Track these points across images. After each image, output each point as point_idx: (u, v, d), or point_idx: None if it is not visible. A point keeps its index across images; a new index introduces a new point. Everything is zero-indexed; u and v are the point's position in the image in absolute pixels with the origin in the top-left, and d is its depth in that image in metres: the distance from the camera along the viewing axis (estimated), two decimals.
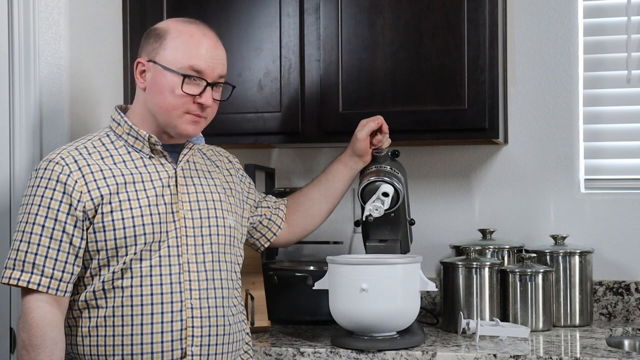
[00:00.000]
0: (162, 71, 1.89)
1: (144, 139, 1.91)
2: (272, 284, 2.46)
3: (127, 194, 1.85)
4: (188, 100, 1.89)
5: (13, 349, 2.23)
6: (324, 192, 2.23)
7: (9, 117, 2.24)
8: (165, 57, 1.89)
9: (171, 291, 1.84)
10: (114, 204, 1.83)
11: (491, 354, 2.05)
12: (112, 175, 1.86)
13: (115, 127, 1.95)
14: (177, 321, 1.83)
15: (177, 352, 1.83)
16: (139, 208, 1.84)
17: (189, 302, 1.85)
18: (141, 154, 1.92)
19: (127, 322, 1.81)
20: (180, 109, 1.89)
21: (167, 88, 1.88)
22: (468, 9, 2.37)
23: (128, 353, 1.81)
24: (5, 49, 2.23)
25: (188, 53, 1.88)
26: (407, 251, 2.34)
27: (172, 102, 1.88)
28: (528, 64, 2.69)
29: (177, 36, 1.90)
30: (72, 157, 1.85)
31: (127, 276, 1.82)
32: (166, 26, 1.94)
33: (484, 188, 2.74)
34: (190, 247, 1.88)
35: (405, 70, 2.42)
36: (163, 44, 1.90)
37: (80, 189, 1.82)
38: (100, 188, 1.83)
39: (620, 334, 2.45)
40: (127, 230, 1.82)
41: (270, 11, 2.51)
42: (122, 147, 1.92)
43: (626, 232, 2.62)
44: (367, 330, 2.12)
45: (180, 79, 1.87)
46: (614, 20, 2.66)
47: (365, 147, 2.21)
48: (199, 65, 1.88)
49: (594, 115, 2.68)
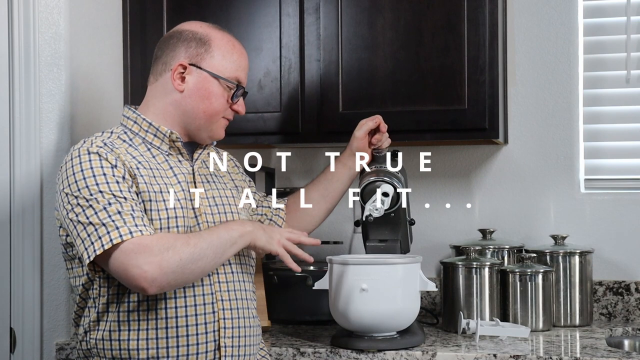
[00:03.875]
0: (209, 78, 1.93)
1: (165, 135, 1.93)
2: (272, 284, 2.47)
3: (160, 187, 1.85)
4: (227, 106, 1.97)
5: (13, 349, 2.23)
6: (323, 193, 2.24)
7: (9, 117, 2.24)
8: (213, 64, 1.94)
9: (202, 283, 1.85)
10: (151, 194, 1.83)
11: (491, 354, 2.05)
12: (143, 167, 1.86)
13: (131, 125, 1.95)
14: (209, 313, 1.85)
15: (210, 344, 1.84)
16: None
17: (219, 294, 1.87)
18: (160, 150, 1.93)
19: (161, 315, 1.81)
20: (221, 114, 1.97)
21: (216, 95, 1.94)
22: (468, 9, 2.37)
23: (163, 346, 1.81)
24: (5, 49, 2.23)
25: (235, 64, 1.96)
26: (407, 251, 2.34)
27: (217, 109, 1.95)
28: (528, 64, 2.69)
29: (221, 45, 1.96)
30: (108, 147, 1.84)
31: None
32: (205, 32, 1.96)
33: (484, 188, 2.74)
34: None
35: (405, 70, 2.42)
36: (210, 50, 1.94)
37: (126, 174, 1.81)
38: (138, 176, 1.83)
39: (620, 334, 2.45)
40: (162, 221, 1.83)
41: (270, 11, 2.51)
42: (140, 144, 1.92)
43: (626, 232, 2.62)
44: (367, 330, 2.12)
45: (230, 89, 1.95)
46: (613, 20, 2.66)
47: (363, 146, 2.22)
48: (242, 77, 1.98)
49: (594, 115, 2.68)
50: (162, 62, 1.96)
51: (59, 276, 2.31)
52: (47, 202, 2.30)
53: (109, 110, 2.55)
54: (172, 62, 1.94)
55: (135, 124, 1.95)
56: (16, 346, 2.23)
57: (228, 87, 1.96)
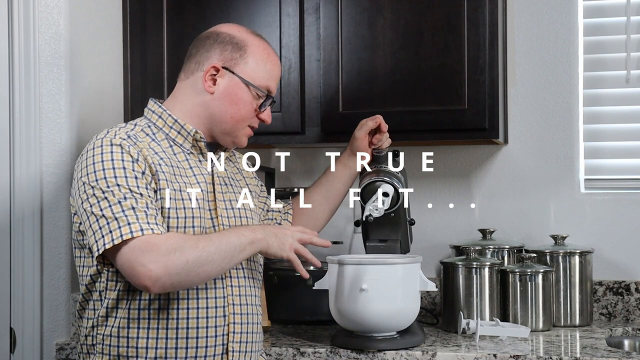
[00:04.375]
0: (240, 84, 1.93)
1: (189, 134, 1.92)
2: (272, 284, 2.47)
3: (180, 185, 1.84)
4: (255, 114, 1.97)
5: (13, 349, 2.23)
6: (325, 194, 2.24)
7: (9, 117, 2.24)
8: (246, 71, 1.93)
9: (215, 286, 1.85)
10: (170, 192, 1.82)
11: (491, 354, 2.05)
12: (165, 164, 1.85)
13: (156, 120, 1.93)
14: (220, 317, 1.85)
15: (219, 347, 1.84)
16: (190, 200, 1.84)
17: (230, 299, 1.87)
18: (182, 148, 1.92)
19: (172, 315, 1.80)
20: (247, 122, 1.96)
21: (245, 102, 1.94)
22: (468, 9, 2.37)
23: (172, 347, 1.80)
24: (5, 49, 2.23)
25: (267, 73, 1.96)
26: (407, 251, 2.34)
27: (244, 115, 1.95)
28: (528, 64, 2.69)
29: (257, 52, 1.95)
30: (131, 140, 1.83)
31: None
32: (242, 37, 1.95)
33: (484, 188, 2.74)
34: None
35: (405, 70, 2.42)
36: (244, 56, 1.93)
37: (147, 169, 1.80)
38: (159, 173, 1.82)
39: (620, 334, 2.45)
40: (180, 220, 1.82)
41: (270, 11, 2.51)
42: (163, 140, 1.91)
43: (626, 232, 2.62)
44: (367, 330, 2.12)
45: (260, 97, 1.95)
46: (613, 20, 2.66)
47: (364, 146, 2.21)
48: (272, 87, 1.98)
49: (594, 115, 2.68)
50: (195, 60, 1.95)
51: (59, 276, 2.31)
52: (47, 202, 2.30)
53: (109, 110, 2.55)
54: (205, 62, 1.93)
55: (160, 118, 1.93)
56: (16, 346, 2.23)
57: (257, 95, 1.95)
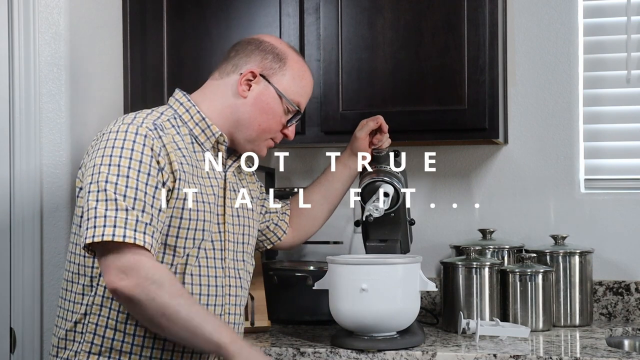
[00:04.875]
0: (274, 94, 1.93)
1: (213, 135, 1.90)
2: (272, 284, 2.46)
3: (196, 186, 1.83)
4: (280, 128, 1.97)
5: (13, 349, 2.23)
6: (324, 194, 2.24)
7: (9, 117, 2.24)
8: (282, 82, 1.94)
9: (215, 294, 1.85)
10: (187, 192, 1.80)
11: (491, 354, 2.05)
12: (186, 163, 1.82)
13: (182, 112, 1.90)
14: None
15: (212, 356, 1.84)
16: (202, 203, 1.83)
17: (227, 308, 1.88)
18: (202, 147, 1.89)
19: None
20: (272, 133, 1.96)
21: (275, 112, 1.94)
22: (468, 9, 2.37)
23: (169, 349, 1.79)
24: (5, 49, 2.23)
25: (302, 89, 1.97)
26: (407, 251, 2.34)
27: (271, 126, 1.94)
28: (528, 64, 2.69)
29: (295, 67, 1.96)
30: (157, 132, 1.79)
31: (180, 272, 1.80)
32: (283, 50, 1.96)
33: (484, 188, 2.74)
34: (230, 252, 1.91)
35: (405, 70, 2.42)
36: (283, 68, 1.94)
37: (167, 166, 1.77)
38: (180, 172, 1.79)
39: (620, 334, 2.45)
40: (191, 222, 1.80)
41: (270, 11, 2.51)
42: (186, 135, 1.88)
43: (626, 232, 2.62)
44: (367, 330, 2.12)
45: (289, 111, 1.95)
46: (613, 20, 2.66)
47: (364, 146, 2.21)
48: (303, 104, 2.00)
49: (594, 115, 2.68)
50: (233, 63, 1.94)
51: (59, 276, 2.31)
52: (47, 202, 2.29)
53: (109, 110, 2.55)
54: (244, 66, 1.92)
55: (187, 112, 1.90)
56: (16, 346, 2.23)
57: (287, 110, 1.95)
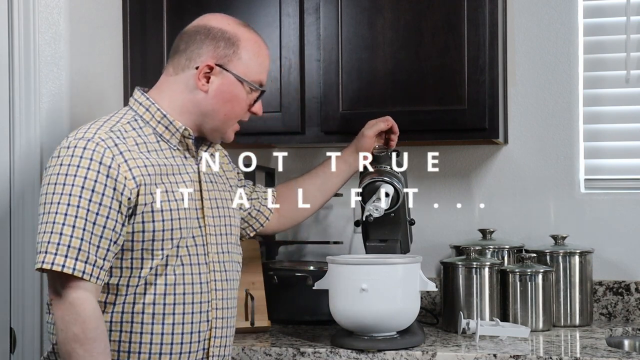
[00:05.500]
0: (234, 81, 1.88)
1: (177, 131, 1.86)
2: (272, 284, 2.46)
3: (165, 186, 1.79)
4: (247, 109, 1.93)
5: (13, 349, 2.23)
6: (319, 186, 2.23)
7: (9, 117, 2.24)
8: (239, 66, 1.88)
9: (201, 291, 1.83)
10: (154, 195, 1.76)
11: (491, 354, 2.05)
12: (151, 164, 1.78)
13: (143, 112, 1.86)
14: (204, 322, 1.83)
15: (200, 352, 1.83)
16: (175, 201, 1.80)
17: (214, 303, 1.86)
18: (169, 144, 1.86)
19: (158, 320, 1.77)
20: (239, 118, 1.93)
21: (239, 99, 1.90)
22: (468, 9, 2.37)
23: (156, 352, 1.78)
24: (5, 49, 2.23)
25: (260, 67, 1.91)
26: (407, 251, 2.34)
27: (237, 112, 1.91)
28: (528, 64, 2.69)
29: (248, 46, 1.89)
30: (111, 140, 1.75)
31: (161, 273, 1.78)
32: (233, 31, 1.89)
33: (484, 188, 2.74)
34: (213, 246, 1.88)
35: (405, 70, 2.42)
36: (237, 52, 1.87)
37: (125, 174, 1.73)
38: (144, 176, 1.76)
39: (620, 334, 2.45)
40: (166, 223, 1.77)
41: (270, 11, 2.51)
42: (151, 134, 1.84)
43: (626, 232, 2.62)
44: (367, 330, 2.12)
45: (253, 91, 1.91)
46: (613, 20, 2.66)
47: (369, 145, 2.21)
48: (264, 79, 1.94)
49: (594, 115, 2.68)
50: (186, 56, 1.88)
51: None
52: None
53: (109, 110, 2.53)
54: (197, 59, 1.87)
55: (148, 111, 1.86)
56: (16, 346, 2.23)
57: (251, 90, 1.91)
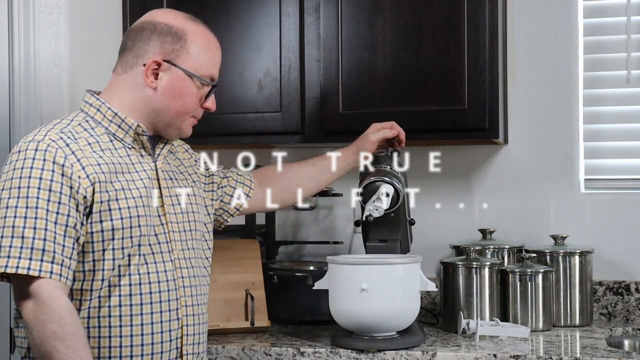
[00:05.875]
0: (183, 76, 1.85)
1: (130, 128, 1.84)
2: (272, 284, 2.47)
3: (121, 184, 1.76)
4: (199, 105, 1.90)
5: (13, 349, 2.23)
6: (314, 176, 2.23)
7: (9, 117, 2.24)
8: (188, 61, 1.85)
9: (168, 289, 1.81)
10: (111, 193, 1.74)
11: (491, 354, 2.05)
12: (104, 163, 1.76)
13: (94, 113, 1.84)
14: (174, 320, 1.81)
15: (173, 351, 1.81)
16: (133, 199, 1.78)
17: (183, 300, 1.83)
18: (123, 142, 1.84)
19: (126, 322, 1.76)
20: (192, 113, 1.89)
21: (189, 94, 1.86)
22: (468, 9, 2.37)
23: (127, 355, 1.76)
24: (5, 49, 2.24)
25: (210, 61, 1.88)
26: (407, 251, 2.34)
27: (189, 108, 1.87)
28: (528, 64, 2.69)
29: (196, 40, 1.86)
30: (62, 141, 1.74)
31: (124, 274, 1.76)
32: (180, 26, 1.86)
33: (484, 188, 2.74)
34: (177, 243, 1.85)
35: (405, 70, 2.42)
36: (185, 46, 1.84)
37: (79, 173, 1.71)
38: (98, 174, 1.74)
39: (620, 334, 2.45)
40: (124, 221, 1.74)
41: (270, 11, 2.51)
42: (103, 134, 1.82)
43: (626, 232, 2.62)
44: (367, 330, 2.12)
45: (204, 86, 1.88)
46: (613, 20, 2.66)
47: (372, 149, 2.23)
48: (215, 73, 1.91)
49: (594, 115, 2.68)
50: (133, 54, 1.86)
51: None
52: None
53: None
54: (145, 56, 1.84)
55: (99, 112, 1.84)
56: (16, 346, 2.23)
57: (202, 85, 1.87)
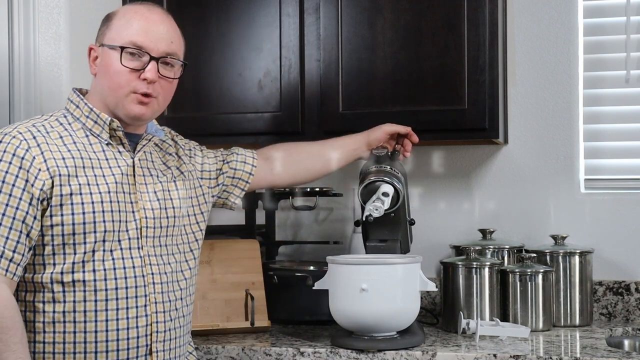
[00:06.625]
0: (108, 51, 1.85)
1: (105, 123, 1.85)
2: (272, 284, 2.46)
3: (87, 178, 1.77)
4: (133, 77, 1.83)
5: None
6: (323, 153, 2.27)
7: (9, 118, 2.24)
8: (110, 37, 1.85)
9: (135, 285, 1.79)
10: (73, 187, 1.75)
11: (491, 354, 2.05)
12: (71, 157, 1.78)
13: (73, 110, 1.87)
14: (142, 317, 1.80)
15: (142, 348, 1.80)
16: (99, 194, 1.77)
17: (152, 297, 1.82)
18: (99, 138, 1.85)
19: (91, 317, 1.74)
20: (126, 87, 1.83)
21: (115, 67, 1.83)
22: (468, 9, 2.37)
23: (92, 351, 1.75)
24: (5, 49, 2.24)
25: (129, 29, 1.84)
26: (407, 251, 2.34)
27: (117, 80, 1.83)
28: (528, 64, 2.69)
29: (123, 15, 1.87)
30: (30, 133, 1.77)
31: (88, 269, 1.75)
32: (115, 10, 1.91)
33: (484, 188, 2.74)
34: (149, 240, 1.84)
35: (405, 70, 2.42)
36: (110, 25, 1.87)
37: (39, 166, 1.73)
38: (60, 167, 1.75)
39: (620, 334, 2.45)
40: (87, 215, 1.75)
41: (270, 11, 2.51)
42: (79, 129, 1.84)
43: (626, 232, 2.62)
44: (367, 330, 2.12)
45: (135, 57, 1.83)
46: (613, 20, 2.66)
47: (382, 140, 2.27)
48: (138, 39, 1.83)
49: (594, 115, 2.68)
50: None
51: None
52: None
53: None
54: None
55: (78, 108, 1.87)
56: None
57: (130, 55, 1.83)
